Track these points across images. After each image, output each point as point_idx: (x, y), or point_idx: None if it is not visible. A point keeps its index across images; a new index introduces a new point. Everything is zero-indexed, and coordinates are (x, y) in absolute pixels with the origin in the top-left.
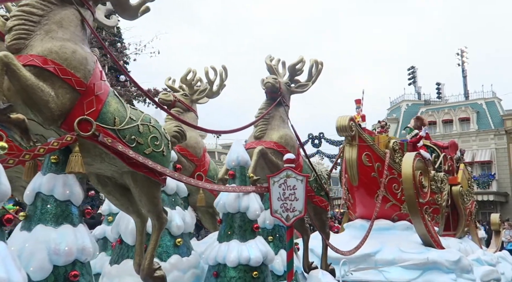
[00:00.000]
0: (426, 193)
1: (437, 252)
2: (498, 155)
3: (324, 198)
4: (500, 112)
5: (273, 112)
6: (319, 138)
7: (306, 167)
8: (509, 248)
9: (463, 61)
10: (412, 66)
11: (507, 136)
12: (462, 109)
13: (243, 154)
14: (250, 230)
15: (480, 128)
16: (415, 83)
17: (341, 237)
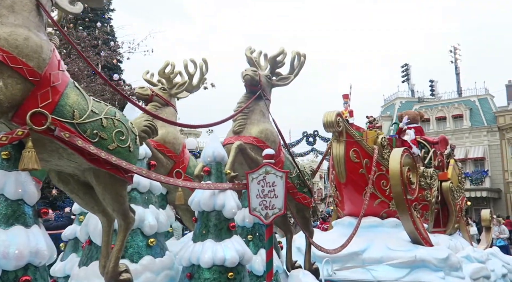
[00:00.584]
0: (414, 190)
1: (425, 249)
2: (491, 151)
3: (307, 195)
4: (493, 109)
5: (252, 106)
6: (313, 136)
7: (288, 163)
8: (498, 245)
9: (456, 58)
10: (405, 64)
11: (500, 132)
12: (455, 106)
13: (219, 150)
14: (226, 229)
15: (473, 125)
16: (409, 81)
17: (329, 235)
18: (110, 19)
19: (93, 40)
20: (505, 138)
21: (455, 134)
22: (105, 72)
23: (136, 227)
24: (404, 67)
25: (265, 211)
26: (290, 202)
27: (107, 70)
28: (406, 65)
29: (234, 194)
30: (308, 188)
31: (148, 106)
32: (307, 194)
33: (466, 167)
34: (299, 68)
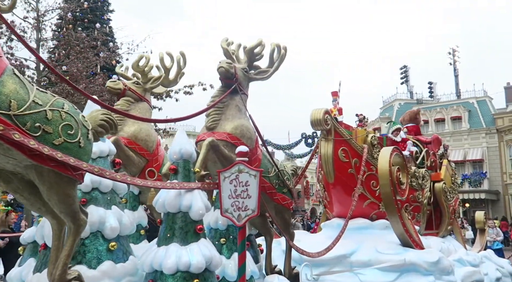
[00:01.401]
0: (404, 190)
1: (415, 252)
2: (489, 153)
3: (287, 196)
4: (492, 111)
5: (228, 101)
6: (312, 137)
7: (265, 162)
8: (495, 248)
9: (454, 60)
10: (404, 65)
11: (498, 134)
12: (454, 108)
13: (187, 147)
14: (193, 232)
15: (471, 127)
16: (408, 82)
17: (317, 237)
18: (109, 20)
19: (92, 41)
20: (503, 140)
21: (453, 136)
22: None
23: (96, 230)
24: (403, 69)
25: (237, 212)
26: (269, 203)
27: (106, 71)
28: (405, 67)
29: (203, 194)
30: (288, 189)
31: (120, 101)
32: (287, 194)
33: (464, 169)
34: (279, 61)
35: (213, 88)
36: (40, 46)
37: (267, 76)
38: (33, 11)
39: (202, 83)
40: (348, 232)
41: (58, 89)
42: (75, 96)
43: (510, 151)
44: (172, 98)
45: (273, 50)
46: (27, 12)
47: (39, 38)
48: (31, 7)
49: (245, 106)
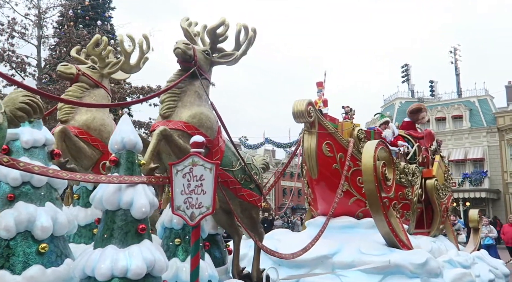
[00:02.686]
0: (390, 187)
1: (401, 253)
2: (490, 152)
3: (255, 192)
4: (493, 110)
5: (186, 86)
6: None
7: (229, 155)
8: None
9: (456, 59)
10: (405, 64)
11: (499, 133)
12: (455, 107)
13: (131, 136)
14: (134, 232)
15: (472, 126)
16: (409, 81)
17: (300, 236)
18: (110, 17)
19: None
20: (504, 139)
21: (454, 134)
22: None
23: (25, 230)
24: (404, 68)
25: (190, 210)
26: (233, 200)
27: None
28: (406, 66)
29: (148, 190)
30: (256, 184)
31: (72, 87)
32: (254, 190)
33: (465, 167)
34: (246, 45)
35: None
36: (41, 43)
37: (232, 59)
38: (34, 8)
39: None
40: (332, 231)
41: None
42: None
43: (511, 150)
44: None
45: (239, 32)
46: (28, 9)
47: (40, 35)
48: (32, 4)
49: (207, 93)
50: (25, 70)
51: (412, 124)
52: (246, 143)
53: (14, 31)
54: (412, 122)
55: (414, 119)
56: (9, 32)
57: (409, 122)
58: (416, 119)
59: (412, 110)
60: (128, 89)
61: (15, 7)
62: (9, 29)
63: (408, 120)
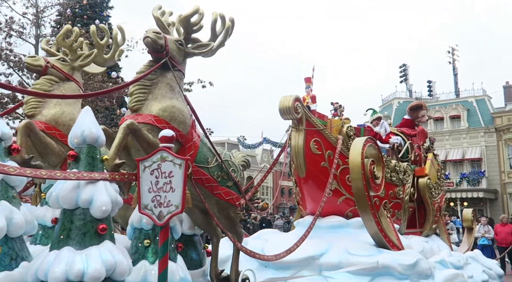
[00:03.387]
0: (379, 185)
1: (390, 254)
2: (488, 152)
3: (233, 190)
4: (490, 110)
5: (157, 78)
6: None
7: (205, 151)
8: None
9: (454, 59)
10: (403, 64)
11: (497, 133)
12: (453, 107)
13: (92, 128)
14: (93, 233)
15: (470, 126)
16: (407, 81)
17: (287, 237)
18: (108, 16)
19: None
20: (502, 139)
21: (452, 134)
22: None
23: None
24: (402, 68)
25: (158, 209)
26: (209, 198)
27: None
28: (404, 66)
29: (111, 187)
30: (235, 182)
31: (39, 80)
32: (232, 189)
33: (463, 167)
34: (224, 35)
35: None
36: (39, 42)
37: (207, 50)
38: (32, 7)
39: (201, 80)
40: (320, 231)
41: None
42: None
43: (509, 150)
44: None
45: (215, 21)
46: (26, 8)
47: (38, 34)
48: (30, 3)
49: (180, 85)
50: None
51: (411, 122)
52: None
53: (12, 30)
54: (412, 120)
55: (414, 117)
56: (6, 31)
57: (408, 120)
58: (416, 117)
59: (412, 107)
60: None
61: (13, 6)
62: (6, 28)
63: (407, 118)
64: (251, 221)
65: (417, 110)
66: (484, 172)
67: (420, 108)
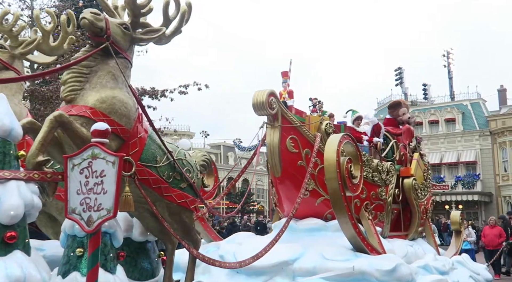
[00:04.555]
0: (356, 185)
1: (367, 259)
2: (482, 155)
3: (188, 193)
4: (485, 113)
5: (97, 65)
6: None
7: (153, 148)
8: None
9: (449, 62)
10: (399, 67)
11: (492, 137)
12: (448, 110)
13: (4, 119)
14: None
15: (465, 129)
16: (402, 84)
17: (263, 240)
18: None
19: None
20: (496, 142)
21: (447, 137)
22: None
23: None
24: (397, 71)
25: (87, 213)
26: (159, 202)
27: None
28: (399, 69)
29: (26, 188)
30: (189, 183)
31: None
32: (186, 191)
33: (458, 170)
34: (179, 20)
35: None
36: None
37: (158, 36)
38: (27, 9)
39: (197, 82)
40: (297, 234)
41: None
42: None
43: (503, 154)
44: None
45: (167, 4)
46: (21, 10)
47: None
48: (25, 5)
49: (125, 74)
50: None
51: (393, 121)
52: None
53: None
54: (394, 119)
55: (395, 115)
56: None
57: (390, 119)
58: (397, 115)
59: (390, 105)
60: None
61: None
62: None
63: (389, 117)
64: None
65: (396, 108)
66: (479, 175)
67: (399, 106)
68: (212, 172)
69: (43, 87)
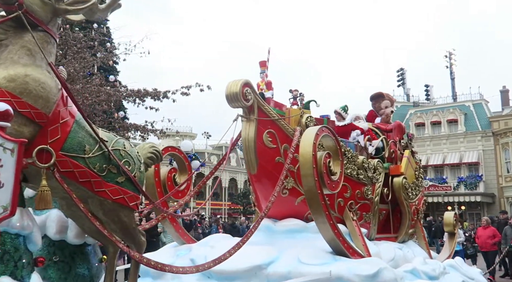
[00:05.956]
0: (336, 182)
1: (346, 263)
2: (485, 156)
3: (127, 188)
4: (487, 114)
5: (9, 39)
6: None
7: (81, 136)
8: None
9: (451, 63)
10: (401, 68)
11: (494, 137)
12: (450, 111)
13: None
14: None
15: (467, 130)
16: (404, 85)
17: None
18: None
19: (90, 41)
20: (499, 143)
21: (449, 138)
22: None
23: None
24: (399, 72)
25: None
26: (90, 198)
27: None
28: (401, 70)
29: None
30: (129, 177)
31: None
32: (125, 186)
33: (460, 171)
34: None
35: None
36: None
37: (87, 7)
38: None
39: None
40: (276, 236)
41: None
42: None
43: (506, 154)
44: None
45: None
46: None
47: None
48: None
49: (46, 50)
50: None
51: (374, 115)
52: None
53: None
54: (374, 113)
55: (376, 108)
56: None
57: (371, 112)
58: (379, 108)
59: (372, 96)
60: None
61: None
62: None
63: (371, 109)
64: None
65: (378, 99)
66: (482, 176)
67: (381, 97)
68: (185, 170)
69: None
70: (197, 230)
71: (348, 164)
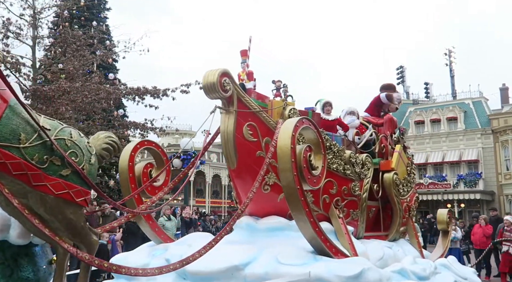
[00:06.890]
0: (317, 178)
1: (327, 263)
2: (484, 154)
3: (73, 182)
4: (487, 112)
5: None
6: None
7: (14, 123)
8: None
9: (451, 61)
10: (401, 66)
11: (494, 135)
12: (449, 109)
13: None
14: None
15: (467, 128)
16: (404, 83)
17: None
18: (106, 18)
19: (89, 39)
20: (498, 141)
21: (449, 136)
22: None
23: None
24: (399, 69)
25: None
26: (31, 193)
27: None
28: (401, 67)
29: None
30: (76, 170)
31: None
32: (70, 179)
33: (460, 169)
34: None
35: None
36: (36, 43)
37: None
38: (29, 8)
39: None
40: (257, 234)
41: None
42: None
43: (505, 152)
44: (168, 96)
45: None
46: (23, 10)
47: (35, 35)
48: (27, 4)
49: None
50: (19, 71)
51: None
52: None
53: (9, 31)
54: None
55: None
56: (3, 32)
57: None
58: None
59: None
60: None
61: (10, 7)
62: (3, 29)
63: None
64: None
65: (389, 90)
66: (481, 174)
67: (393, 89)
68: (163, 165)
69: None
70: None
71: (334, 158)
